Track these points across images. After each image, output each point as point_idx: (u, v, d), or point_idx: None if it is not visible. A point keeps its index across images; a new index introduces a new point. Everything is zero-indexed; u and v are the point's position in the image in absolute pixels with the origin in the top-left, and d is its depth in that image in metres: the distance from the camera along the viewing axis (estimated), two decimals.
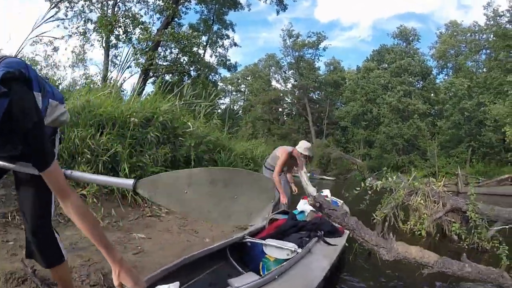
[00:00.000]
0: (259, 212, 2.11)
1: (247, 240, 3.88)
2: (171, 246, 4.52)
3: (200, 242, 4.75)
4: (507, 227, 5.71)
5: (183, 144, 7.26)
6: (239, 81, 68.72)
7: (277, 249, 3.60)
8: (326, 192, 6.19)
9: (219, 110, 55.96)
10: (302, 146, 6.52)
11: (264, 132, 54.48)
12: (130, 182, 1.66)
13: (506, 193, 20.16)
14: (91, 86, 12.57)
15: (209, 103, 11.79)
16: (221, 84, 65.62)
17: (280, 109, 60.13)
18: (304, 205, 5.40)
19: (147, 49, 17.78)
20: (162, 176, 1.82)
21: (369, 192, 6.95)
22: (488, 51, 35.12)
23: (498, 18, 31.37)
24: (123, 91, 13.94)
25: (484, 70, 33.76)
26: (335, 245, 4.10)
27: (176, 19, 21.26)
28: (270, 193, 2.28)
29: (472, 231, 5.79)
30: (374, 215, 7.08)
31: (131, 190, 2.30)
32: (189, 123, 8.26)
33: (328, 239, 4.14)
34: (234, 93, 71.54)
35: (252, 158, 11.82)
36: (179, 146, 7.21)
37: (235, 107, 70.80)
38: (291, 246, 3.59)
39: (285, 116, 60.13)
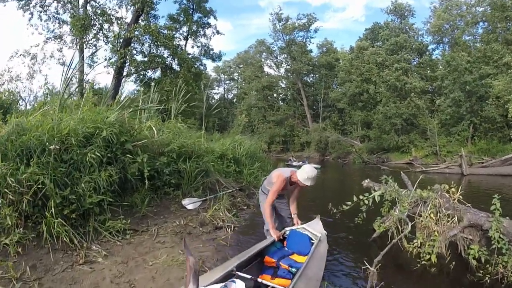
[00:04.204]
0: None
1: None
2: None
3: None
4: None
5: (134, 161, 5.95)
6: (232, 69, 67.64)
7: None
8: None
9: (213, 101, 55.60)
10: (306, 176, 5.09)
11: (259, 119, 53.48)
12: None
13: None
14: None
15: (181, 102, 10.52)
16: (214, 73, 64.77)
17: (274, 95, 58.84)
18: None
19: (118, 48, 16.63)
20: None
21: (364, 206, 5.70)
22: (485, 24, 33.64)
23: None
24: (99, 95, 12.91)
25: (482, 44, 32.17)
26: None
27: (151, 11, 19.87)
28: None
29: (495, 256, 4.50)
30: (374, 226, 5.89)
31: None
32: (146, 132, 7.00)
33: None
34: (227, 81, 70.55)
35: (234, 158, 10.57)
36: (129, 163, 5.90)
37: (229, 96, 70.12)
38: None
39: (280, 102, 58.83)
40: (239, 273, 3.40)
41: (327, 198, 6.90)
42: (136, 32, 16.94)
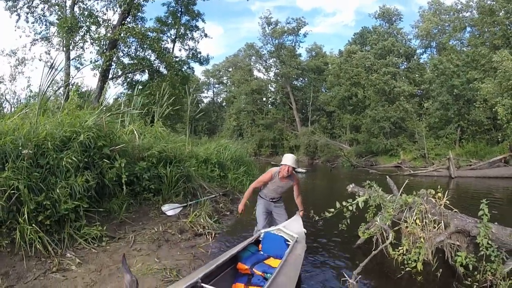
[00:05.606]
0: None
1: None
2: None
3: None
4: None
5: (112, 166, 5.75)
6: (221, 73, 67.39)
7: None
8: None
9: (202, 104, 55.34)
10: (290, 159, 5.46)
11: (248, 123, 53.24)
12: None
13: (500, 175, 19.19)
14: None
15: (166, 105, 10.34)
16: (203, 77, 64.57)
17: (263, 99, 58.55)
18: None
19: (103, 50, 16.36)
20: None
21: (348, 212, 5.53)
22: (472, 28, 34.01)
23: None
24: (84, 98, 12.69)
25: (469, 48, 32.42)
26: None
27: (138, 13, 19.55)
28: None
29: (483, 263, 4.38)
30: (358, 232, 5.74)
31: None
32: (126, 137, 6.81)
33: None
34: (217, 85, 70.27)
35: (218, 162, 10.38)
36: (107, 169, 5.70)
37: (218, 99, 69.90)
38: None
39: (269, 106, 58.56)
40: (205, 285, 3.08)
41: (315, 202, 6.72)
42: (122, 34, 16.67)
